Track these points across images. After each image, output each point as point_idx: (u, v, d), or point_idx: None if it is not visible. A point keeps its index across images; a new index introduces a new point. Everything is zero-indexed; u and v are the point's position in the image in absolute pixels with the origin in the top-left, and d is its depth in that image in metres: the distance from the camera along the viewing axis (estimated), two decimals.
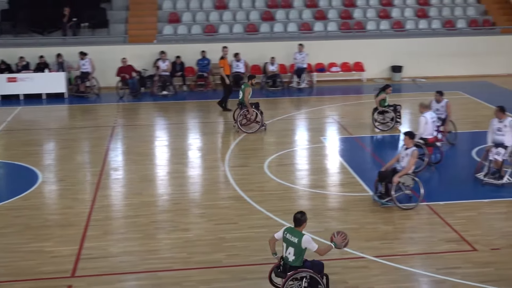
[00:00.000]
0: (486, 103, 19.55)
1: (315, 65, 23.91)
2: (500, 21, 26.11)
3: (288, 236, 8.15)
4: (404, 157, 11.72)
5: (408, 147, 11.71)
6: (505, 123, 12.76)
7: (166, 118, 19.31)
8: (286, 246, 8.16)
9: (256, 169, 13.92)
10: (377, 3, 26.69)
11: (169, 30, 24.49)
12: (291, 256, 8.10)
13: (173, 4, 25.70)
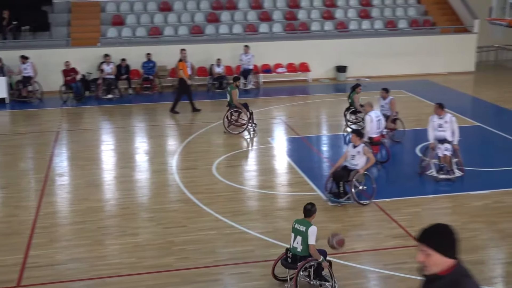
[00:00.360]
0: (428, 101, 20.02)
1: (261, 66, 24.03)
2: (440, 21, 26.79)
3: (297, 226, 8.57)
4: (355, 155, 11.85)
5: (357, 145, 11.86)
6: (446, 119, 13.13)
7: (111, 122, 19.05)
8: (295, 236, 8.54)
9: (204, 171, 13.88)
10: (321, 4, 27.00)
11: (113, 33, 24.18)
12: (299, 245, 8.45)
13: (116, 7, 25.39)
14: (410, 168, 13.98)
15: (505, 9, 16.69)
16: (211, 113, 19.31)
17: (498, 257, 9.91)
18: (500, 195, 12.31)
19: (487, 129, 17.21)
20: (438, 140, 13.14)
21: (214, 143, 16.40)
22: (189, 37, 24.42)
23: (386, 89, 15.65)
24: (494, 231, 10.74)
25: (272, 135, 17.06)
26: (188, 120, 18.73)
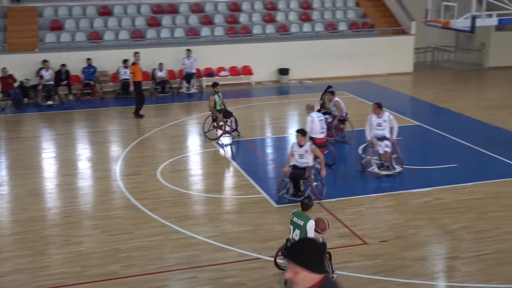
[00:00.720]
0: (368, 101, 20.38)
1: (204, 70, 23.98)
2: (378, 23, 27.34)
3: (295, 219, 8.80)
4: (302, 154, 12.05)
5: (302, 144, 12.03)
6: (384, 118, 13.55)
7: (52, 129, 18.65)
8: (293, 229, 8.77)
9: (149, 177, 13.75)
10: (262, 7, 27.16)
11: (52, 38, 23.67)
12: (297, 238, 8.59)
13: (54, 11, 24.87)
14: (354, 168, 14.21)
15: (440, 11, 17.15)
16: (154, 118, 19.15)
17: (440, 253, 10.18)
18: (440, 192, 12.65)
19: (426, 128, 17.66)
20: (377, 139, 13.48)
21: (158, 148, 16.27)
22: (130, 41, 24.16)
23: (332, 91, 15.99)
24: (436, 227, 11.02)
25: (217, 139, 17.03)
26: (131, 125, 18.51)
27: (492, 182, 13.19)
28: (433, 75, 27.08)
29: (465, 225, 11.01)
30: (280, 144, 16.58)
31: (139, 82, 19.06)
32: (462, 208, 11.76)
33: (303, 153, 12.06)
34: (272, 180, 13.69)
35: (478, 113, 19.27)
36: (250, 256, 9.87)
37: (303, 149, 12.05)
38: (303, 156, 12.08)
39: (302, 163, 12.11)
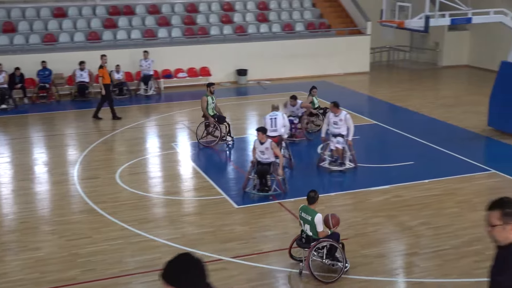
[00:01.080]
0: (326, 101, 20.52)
1: (162, 71, 23.83)
2: (334, 23, 27.61)
3: (303, 215, 9.23)
4: (263, 151, 12.39)
5: (263, 142, 12.35)
6: (341, 117, 13.89)
7: (6, 133, 18.24)
8: (303, 223, 9.26)
9: (107, 180, 13.60)
10: (219, 8, 27.13)
11: (4, 40, 23.18)
12: (309, 231, 9.15)
13: (7, 13, 24.35)
14: (313, 168, 14.31)
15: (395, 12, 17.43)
16: (112, 121, 18.92)
17: (399, 249, 10.34)
18: (398, 189, 12.85)
19: (383, 127, 17.91)
20: (333, 135, 13.90)
21: (116, 151, 16.10)
22: (86, 43, 23.83)
23: (294, 96, 16.46)
24: (394, 224, 11.20)
25: (176, 141, 16.96)
26: (89, 128, 18.28)
27: (448, 178, 13.47)
28: (389, 75, 27.49)
29: (423, 222, 11.21)
30: (240, 144, 16.58)
31: (108, 84, 18.95)
32: (419, 205, 11.97)
33: (263, 150, 12.44)
34: (233, 181, 13.71)
35: (434, 111, 19.64)
36: (212, 257, 9.84)
37: (263, 146, 12.42)
38: (264, 153, 12.47)
39: (265, 159, 12.49)
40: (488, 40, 26.81)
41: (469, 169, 14.10)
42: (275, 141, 13.55)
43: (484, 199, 12.33)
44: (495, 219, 4.44)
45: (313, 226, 9.07)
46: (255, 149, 12.61)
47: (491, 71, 23.84)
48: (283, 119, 14.33)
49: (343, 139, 13.83)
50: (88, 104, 21.13)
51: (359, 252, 10.00)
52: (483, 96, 20.30)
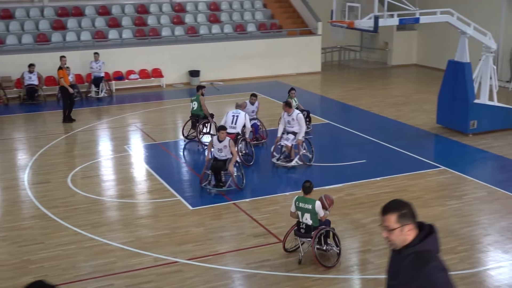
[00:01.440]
0: (279, 101, 20.65)
1: (113, 73, 23.55)
2: (285, 24, 27.78)
3: (301, 205, 9.52)
4: (221, 148, 12.67)
5: (222, 140, 12.63)
6: (293, 117, 14.28)
7: None
8: (302, 214, 9.51)
9: (59, 184, 13.36)
10: (170, 9, 26.97)
11: None
12: (309, 220, 9.48)
13: None
14: (267, 168, 14.37)
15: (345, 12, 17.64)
16: (63, 124, 18.59)
17: (353, 247, 10.46)
18: (351, 187, 13.02)
19: (336, 126, 18.11)
20: (287, 133, 14.39)
21: (67, 155, 15.84)
22: (34, 45, 23.36)
23: (255, 94, 16.54)
24: (348, 222, 11.34)
25: (129, 143, 16.78)
26: (39, 132, 17.93)
27: (399, 176, 13.71)
28: (341, 74, 27.82)
29: (376, 219, 11.34)
30: (193, 146, 16.51)
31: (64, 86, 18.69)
32: (372, 202, 12.15)
33: (221, 148, 12.70)
34: (187, 182, 13.65)
35: (384, 110, 19.97)
36: (167, 260, 9.79)
37: (222, 144, 12.69)
38: (222, 151, 12.72)
39: (221, 156, 12.73)
40: (435, 39, 27.42)
41: (420, 166, 14.39)
42: (232, 137, 13.77)
43: (435, 195, 12.65)
44: (392, 223, 4.46)
45: (313, 213, 9.44)
46: (211, 146, 12.84)
47: (439, 70, 24.40)
48: (245, 120, 14.64)
49: (293, 137, 14.23)
50: (38, 108, 20.73)
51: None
52: (431, 94, 20.77)
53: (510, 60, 23.63)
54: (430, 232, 4.47)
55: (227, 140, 12.71)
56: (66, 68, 21.29)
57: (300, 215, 9.60)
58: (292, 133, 14.29)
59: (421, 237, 4.45)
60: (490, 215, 11.60)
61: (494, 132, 16.98)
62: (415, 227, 4.48)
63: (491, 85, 17.17)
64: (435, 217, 11.44)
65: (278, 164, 14.34)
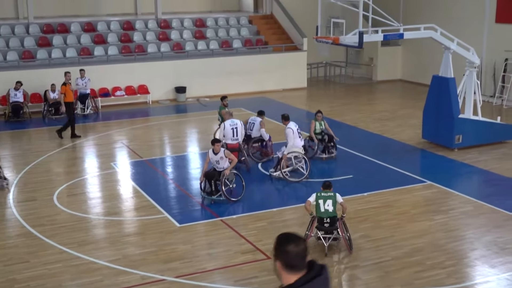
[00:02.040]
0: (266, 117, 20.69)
1: (99, 90, 23.49)
2: (271, 40, 27.90)
3: (323, 194, 10.57)
4: (218, 160, 13.00)
5: (217, 152, 12.93)
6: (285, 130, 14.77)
7: None
8: (324, 201, 10.48)
9: (45, 202, 13.26)
10: (156, 26, 27.02)
11: None
12: (331, 207, 10.46)
13: None
14: (255, 184, 14.35)
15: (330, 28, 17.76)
16: (48, 141, 18.51)
17: (341, 263, 10.45)
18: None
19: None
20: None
21: (53, 172, 15.73)
22: (19, 62, 23.26)
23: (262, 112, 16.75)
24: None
25: (115, 160, 16.71)
26: (24, 149, 17.82)
27: (386, 191, 13.76)
28: (326, 90, 27.96)
29: (363, 234, 11.40)
30: (180, 162, 16.49)
31: (71, 103, 18.67)
32: (359, 217, 12.16)
33: (218, 159, 13.03)
34: (174, 199, 13.61)
35: (370, 125, 20.07)
36: (154, 278, 9.73)
37: (218, 156, 12.99)
38: (219, 162, 13.06)
39: (219, 168, 13.10)
40: (419, 55, 27.66)
41: (406, 181, 14.46)
42: (234, 146, 14.45)
43: (421, 210, 12.71)
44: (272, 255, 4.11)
45: (334, 200, 10.49)
46: (208, 159, 13.12)
47: (424, 85, 24.56)
48: (242, 127, 15.15)
49: (284, 148, 14.61)
50: (23, 125, 20.61)
51: None
52: (416, 109, 20.90)
53: (494, 75, 23.89)
54: (317, 274, 4.05)
55: (222, 151, 12.99)
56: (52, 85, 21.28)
57: (322, 204, 10.46)
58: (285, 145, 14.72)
59: (304, 280, 4.00)
60: (477, 230, 11.66)
61: (479, 146, 17.11)
62: (286, 268, 4.02)
63: (475, 100, 17.34)
64: (422, 232, 11.49)
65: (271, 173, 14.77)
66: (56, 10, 28.16)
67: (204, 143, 17.82)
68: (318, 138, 16.06)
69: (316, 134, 16.13)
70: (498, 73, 23.70)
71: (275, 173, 14.64)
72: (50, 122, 21.14)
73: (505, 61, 23.23)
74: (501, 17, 23.61)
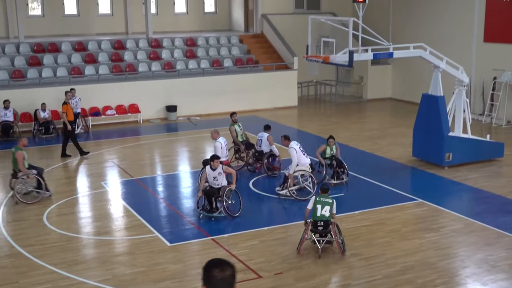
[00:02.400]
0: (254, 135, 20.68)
1: (89, 109, 23.46)
2: (262, 59, 28.03)
3: (322, 199, 11.22)
4: (216, 176, 13.10)
5: (215, 168, 13.04)
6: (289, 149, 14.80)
7: None
8: (322, 207, 11.13)
9: (34, 222, 13.17)
10: (147, 45, 27.10)
11: None
12: (327, 212, 11.12)
13: None
14: (245, 203, 14.30)
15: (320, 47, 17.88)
16: (39, 160, 18.40)
17: (333, 281, 10.43)
18: None
19: (313, 160, 18.12)
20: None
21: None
22: (9, 82, 23.22)
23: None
24: (327, 256, 11.28)
25: (105, 179, 16.64)
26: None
27: (377, 209, 13.76)
28: (317, 108, 28.04)
29: (355, 252, 11.38)
30: (171, 181, 16.45)
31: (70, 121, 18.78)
32: (351, 236, 12.14)
33: (216, 175, 13.10)
34: (164, 218, 13.54)
35: (361, 144, 20.12)
36: None
37: (216, 172, 13.07)
38: (217, 178, 13.11)
39: (216, 184, 13.13)
40: (409, 73, 27.86)
41: (397, 199, 14.48)
42: (226, 163, 14.53)
43: (413, 228, 12.71)
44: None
45: (331, 206, 11.13)
46: (205, 176, 13.19)
47: (414, 103, 24.72)
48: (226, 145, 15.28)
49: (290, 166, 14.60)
50: (13, 144, 20.44)
51: (294, 286, 10.03)
52: (407, 127, 20.99)
53: (483, 94, 24.06)
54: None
55: (220, 167, 13.10)
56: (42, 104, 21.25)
57: (319, 208, 11.07)
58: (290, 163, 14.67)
59: None
60: (468, 247, 11.67)
61: (469, 164, 17.19)
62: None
63: (465, 118, 17.45)
64: (414, 250, 11.49)
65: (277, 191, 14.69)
66: (47, 29, 28.25)
67: (195, 162, 17.80)
68: (327, 163, 15.74)
69: (325, 159, 15.78)
70: (487, 92, 23.89)
71: (281, 192, 14.55)
72: (40, 141, 21.07)
73: (494, 80, 23.43)
74: (489, 37, 23.87)
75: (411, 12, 27.65)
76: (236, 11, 31.91)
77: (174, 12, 31.15)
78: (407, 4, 27.87)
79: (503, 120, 23.12)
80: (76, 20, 28.87)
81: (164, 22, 30.21)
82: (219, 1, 31.99)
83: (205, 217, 13.11)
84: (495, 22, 23.52)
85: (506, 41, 23.10)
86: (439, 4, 26.03)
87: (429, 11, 26.61)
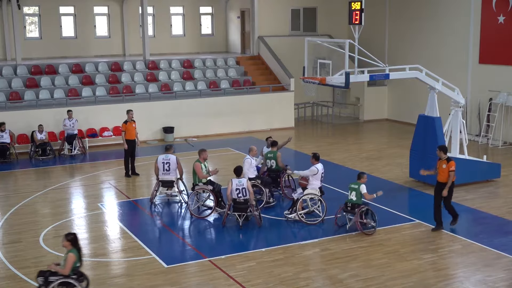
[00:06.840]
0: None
1: (86, 130, 23.47)
2: (258, 80, 28.16)
3: (352, 186, 13.52)
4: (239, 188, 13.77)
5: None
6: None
7: None
8: (350, 192, 13.49)
9: (31, 244, 13.10)
10: (144, 67, 27.20)
11: None
12: (353, 197, 13.41)
13: None
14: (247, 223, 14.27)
15: (316, 68, 17.98)
16: (35, 182, 18.40)
17: None
18: (327, 242, 13.00)
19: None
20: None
21: (40, 213, 15.57)
22: (6, 103, 23.23)
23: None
24: (325, 277, 11.26)
25: (102, 201, 16.60)
26: (10, 190, 17.67)
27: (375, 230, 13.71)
28: (314, 129, 28.09)
29: (353, 274, 11.34)
30: (167, 203, 16.39)
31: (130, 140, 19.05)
32: (348, 257, 12.11)
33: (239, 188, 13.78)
34: (161, 239, 13.48)
35: (358, 164, 20.14)
36: None
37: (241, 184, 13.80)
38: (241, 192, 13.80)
39: (242, 198, 13.81)
40: (405, 94, 28.00)
41: (395, 220, 14.47)
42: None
43: (411, 249, 12.68)
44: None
45: (358, 192, 13.29)
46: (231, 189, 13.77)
47: (410, 124, 24.81)
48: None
49: (301, 191, 14.52)
50: (9, 166, 20.47)
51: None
52: (403, 148, 21.05)
53: (479, 115, 24.16)
54: None
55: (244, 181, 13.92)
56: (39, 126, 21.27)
57: (349, 193, 13.45)
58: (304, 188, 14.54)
59: None
60: (466, 268, 11.64)
61: (465, 185, 17.20)
62: None
63: (461, 139, 17.50)
64: (412, 271, 11.45)
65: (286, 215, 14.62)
66: (44, 51, 28.38)
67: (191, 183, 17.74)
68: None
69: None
70: (483, 113, 23.99)
71: (290, 216, 14.42)
72: (37, 163, 21.03)
73: (490, 101, 23.54)
74: (484, 58, 24.06)
75: (407, 34, 27.87)
76: (233, 33, 32.14)
77: (171, 34, 31.36)
78: (403, 26, 28.11)
79: (499, 141, 23.20)
80: (74, 43, 29.03)
81: (161, 44, 30.41)
82: (216, 23, 32.24)
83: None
84: (490, 43, 23.72)
85: (501, 63, 23.28)
86: (434, 26, 26.26)
87: (424, 33, 26.82)
